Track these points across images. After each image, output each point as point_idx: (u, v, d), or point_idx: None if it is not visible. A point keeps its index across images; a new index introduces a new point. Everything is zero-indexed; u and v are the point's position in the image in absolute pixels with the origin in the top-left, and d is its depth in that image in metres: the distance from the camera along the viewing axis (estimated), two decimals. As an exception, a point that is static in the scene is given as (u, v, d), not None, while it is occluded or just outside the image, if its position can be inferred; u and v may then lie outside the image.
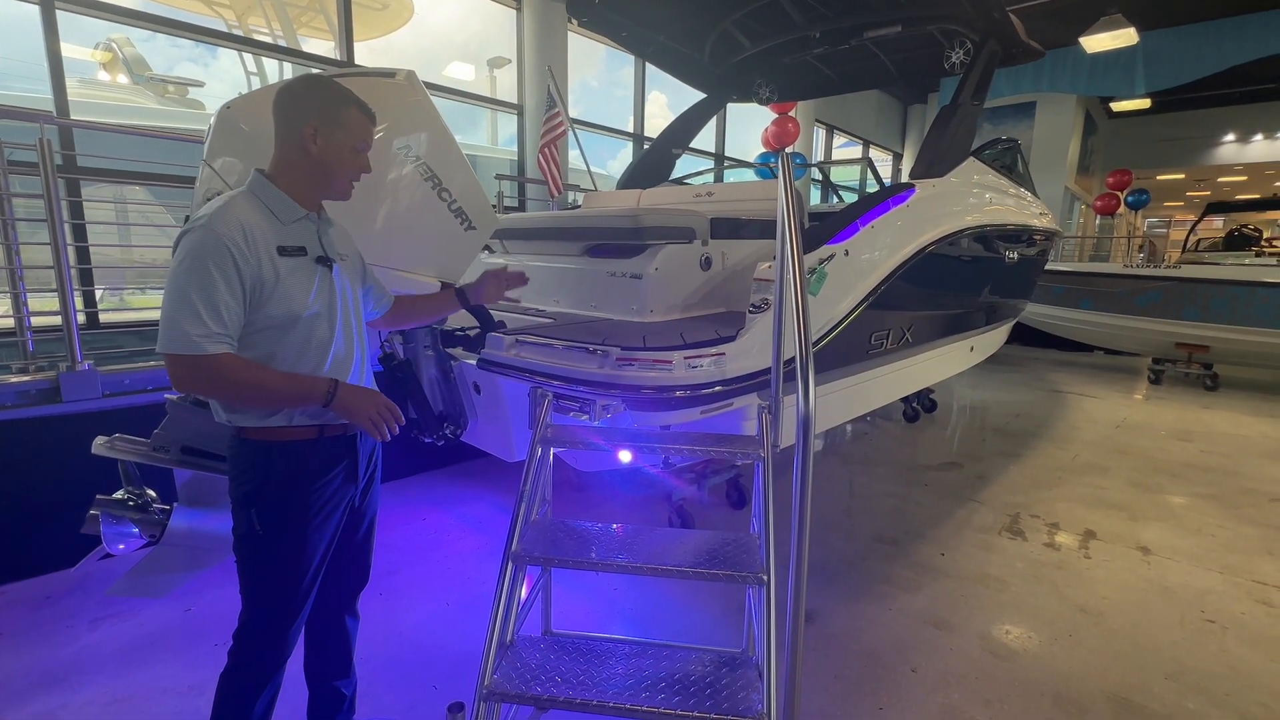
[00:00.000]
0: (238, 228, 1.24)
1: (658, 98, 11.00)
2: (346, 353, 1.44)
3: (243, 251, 1.24)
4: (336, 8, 5.36)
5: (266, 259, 1.28)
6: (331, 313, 1.40)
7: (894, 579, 2.81)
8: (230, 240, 1.22)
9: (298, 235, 1.36)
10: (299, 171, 1.37)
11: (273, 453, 1.37)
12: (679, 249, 2.67)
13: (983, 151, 3.77)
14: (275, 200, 1.35)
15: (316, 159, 1.36)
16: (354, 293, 1.51)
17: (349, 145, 1.38)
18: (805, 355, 1.26)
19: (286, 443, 1.37)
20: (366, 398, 1.36)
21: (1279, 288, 6.19)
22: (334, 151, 1.36)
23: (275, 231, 1.32)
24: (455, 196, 2.20)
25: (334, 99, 1.36)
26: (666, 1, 3.82)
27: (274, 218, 1.33)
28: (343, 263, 1.48)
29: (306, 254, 1.36)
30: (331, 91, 1.37)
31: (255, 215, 1.30)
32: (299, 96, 1.36)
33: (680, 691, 1.45)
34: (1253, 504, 3.75)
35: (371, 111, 1.43)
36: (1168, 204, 22.93)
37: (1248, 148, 14.76)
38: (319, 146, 1.35)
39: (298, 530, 1.40)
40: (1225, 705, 2.05)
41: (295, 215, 1.36)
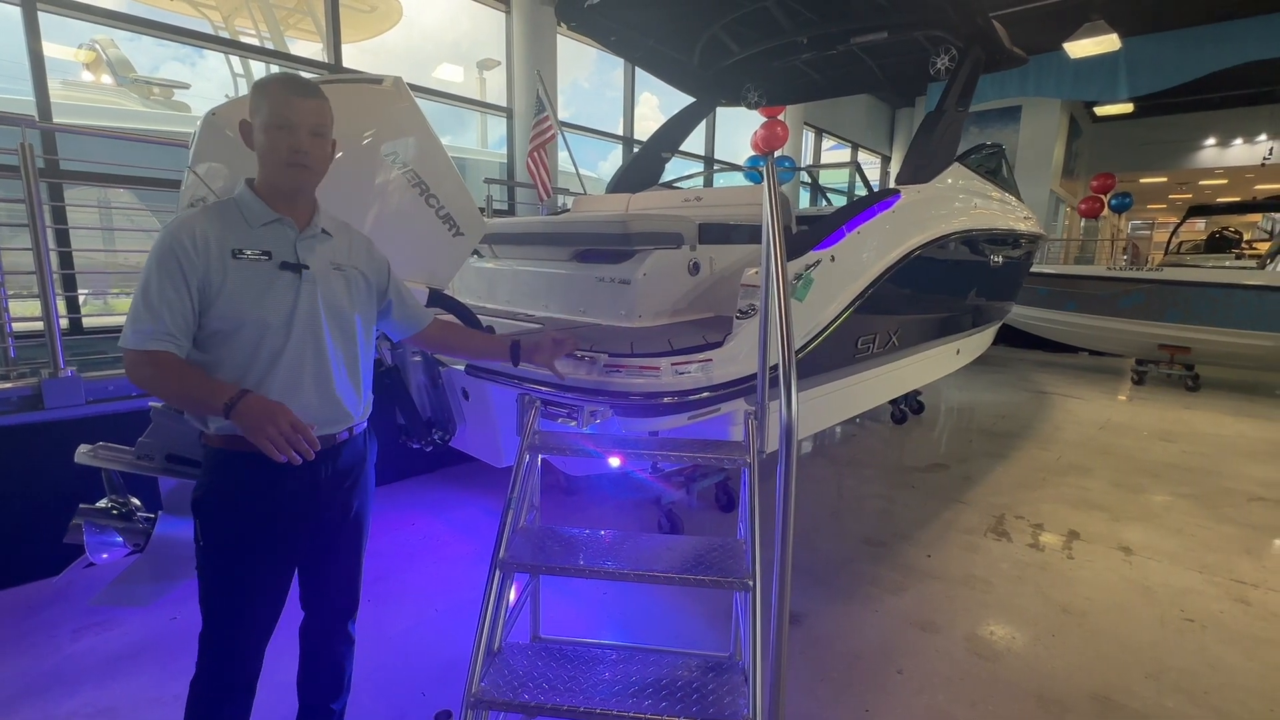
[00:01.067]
0: (188, 232, 1.26)
1: (649, 99, 11.04)
2: (312, 365, 1.36)
3: (188, 253, 1.24)
4: (325, 9, 5.34)
5: (216, 262, 1.27)
6: (293, 321, 1.33)
7: (881, 581, 2.83)
8: (177, 243, 1.24)
9: (265, 239, 1.34)
10: (260, 173, 1.38)
11: (220, 461, 1.34)
12: (667, 254, 2.69)
13: (968, 157, 3.81)
14: (248, 205, 1.35)
15: (259, 154, 1.34)
16: (347, 306, 1.43)
17: (272, 125, 1.31)
18: (789, 363, 1.27)
19: (235, 452, 1.33)
20: (269, 414, 1.21)
21: (1258, 290, 6.30)
22: (262, 139, 1.33)
23: (238, 235, 1.31)
24: (443, 202, 2.20)
25: (258, 90, 1.34)
26: (655, 6, 3.83)
27: (244, 222, 1.33)
28: (338, 273, 1.42)
29: (270, 258, 1.32)
30: (259, 86, 1.35)
31: (220, 220, 1.31)
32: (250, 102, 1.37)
33: (667, 697, 1.46)
34: (1232, 504, 3.81)
35: (299, 86, 1.35)
36: (1150, 206, 23.26)
37: (1227, 151, 15.01)
38: (255, 141, 1.34)
39: (239, 544, 1.35)
40: (1204, 703, 2.08)
41: (264, 218, 1.35)
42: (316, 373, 1.37)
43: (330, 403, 1.40)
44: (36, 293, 2.71)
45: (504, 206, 6.81)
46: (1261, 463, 4.59)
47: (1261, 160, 14.47)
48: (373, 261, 1.55)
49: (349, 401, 1.44)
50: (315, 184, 1.41)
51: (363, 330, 1.49)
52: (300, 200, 1.40)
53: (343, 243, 1.49)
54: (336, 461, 1.45)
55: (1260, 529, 3.46)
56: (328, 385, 1.39)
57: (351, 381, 1.45)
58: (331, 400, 1.40)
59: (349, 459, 1.49)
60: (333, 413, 1.41)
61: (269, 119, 1.30)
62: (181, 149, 2.11)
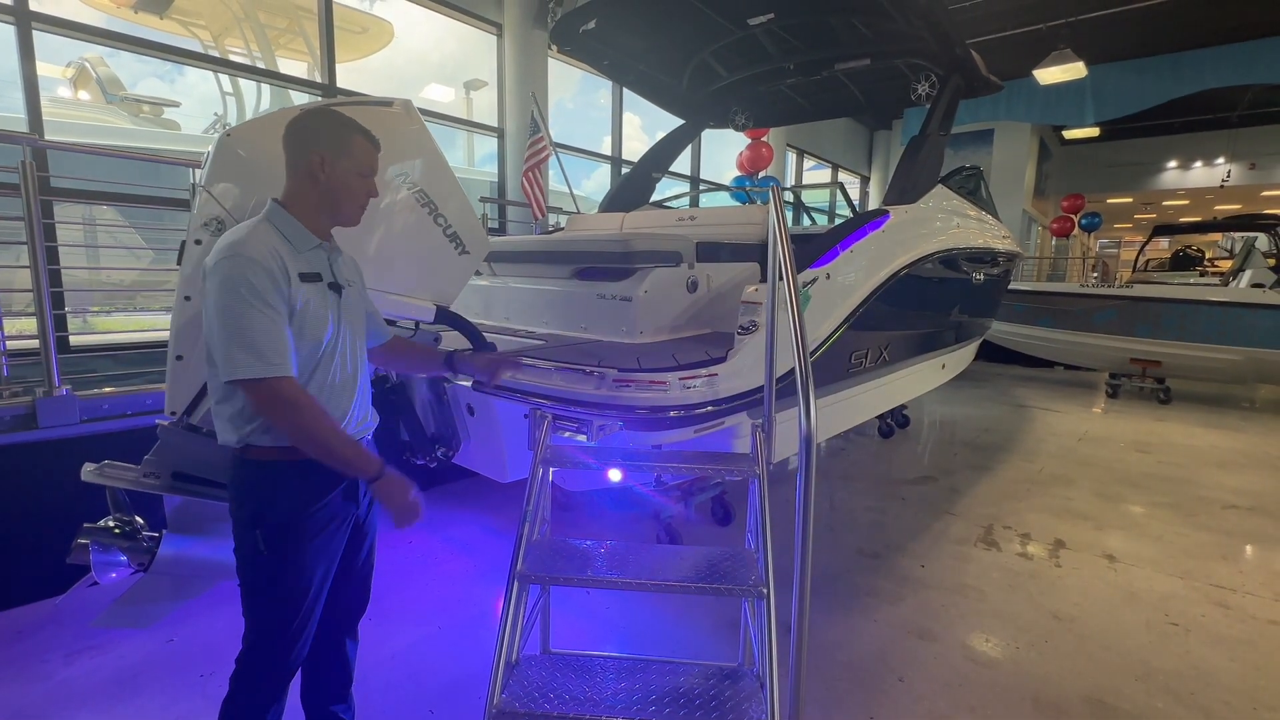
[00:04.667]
0: (270, 252, 1.31)
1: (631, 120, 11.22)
2: (355, 380, 1.49)
3: (275, 276, 1.30)
4: (318, 30, 5.39)
5: (295, 284, 1.34)
6: (342, 338, 1.45)
7: (877, 591, 2.89)
8: (265, 265, 1.28)
9: (313, 262, 1.41)
10: (309, 200, 1.42)
11: (277, 472, 1.39)
12: (667, 272, 2.75)
13: (950, 178, 3.96)
14: (291, 228, 1.40)
15: (325, 187, 1.41)
16: (360, 317, 1.55)
17: (355, 171, 1.43)
18: (805, 373, 1.33)
19: (290, 462, 1.39)
20: (405, 489, 1.40)
21: (1223, 306, 6.58)
22: (340, 179, 1.41)
23: (294, 258, 1.37)
24: (450, 221, 2.25)
25: (339, 128, 1.42)
26: (647, 33, 3.95)
27: (290, 245, 1.38)
28: (352, 289, 1.52)
29: (322, 280, 1.41)
30: (337, 121, 1.43)
31: (279, 243, 1.36)
32: (307, 128, 1.42)
33: (685, 705, 1.49)
34: (1207, 511, 3.95)
35: (376, 139, 1.49)
36: (1118, 226, 24.09)
37: (1188, 174, 15.69)
38: (326, 175, 1.40)
39: (302, 550, 1.41)
40: (1191, 704, 2.16)
41: (310, 243, 1.41)
42: (356, 382, 1.50)
43: (365, 407, 1.54)
44: (28, 310, 2.68)
45: (495, 225, 6.87)
46: (1233, 472, 4.77)
47: (1220, 182, 15.14)
48: (360, 275, 1.65)
49: (369, 407, 1.58)
50: None
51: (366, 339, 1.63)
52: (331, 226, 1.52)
53: (346, 259, 1.58)
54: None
55: (1235, 535, 3.59)
56: (363, 392, 1.53)
57: (368, 391, 1.59)
58: (365, 405, 1.55)
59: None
60: (367, 416, 1.55)
61: (360, 166, 1.43)
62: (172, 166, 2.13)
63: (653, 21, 3.76)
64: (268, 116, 2.15)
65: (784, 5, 3.50)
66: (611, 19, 3.63)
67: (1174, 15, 8.81)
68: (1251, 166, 14.77)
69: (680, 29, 3.85)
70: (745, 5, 3.52)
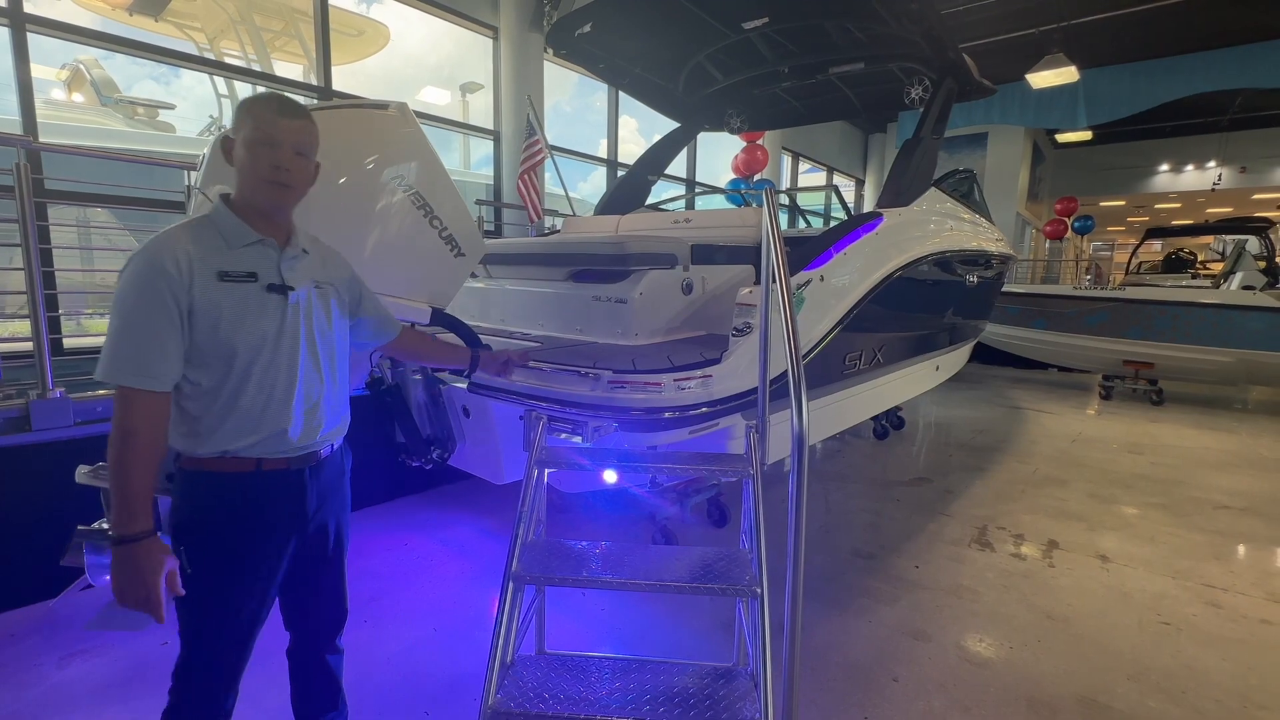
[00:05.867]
0: (170, 253, 1.21)
1: (628, 122, 11.24)
2: (299, 384, 1.36)
3: (173, 277, 1.20)
4: (314, 33, 5.39)
5: (203, 285, 1.22)
6: (280, 342, 1.32)
7: (872, 592, 2.90)
8: (160, 267, 1.19)
9: (248, 260, 1.30)
10: (239, 191, 1.34)
11: (202, 485, 1.29)
12: (662, 274, 2.77)
13: (943, 181, 3.99)
14: (227, 224, 1.31)
15: (237, 169, 1.32)
16: (328, 323, 1.44)
17: (254, 141, 1.28)
18: (798, 373, 1.34)
19: (218, 474, 1.29)
20: (141, 574, 1.18)
21: (1214, 308, 6.63)
22: (242, 153, 1.29)
23: (221, 257, 1.27)
24: (446, 224, 2.25)
25: (243, 108, 1.31)
26: (643, 37, 3.97)
27: (223, 242, 1.29)
28: (319, 291, 1.42)
29: (256, 280, 1.29)
30: (245, 103, 1.33)
31: (201, 241, 1.26)
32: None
33: (680, 705, 1.50)
34: (1199, 512, 3.98)
35: (290, 107, 1.33)
36: (1110, 228, 24.25)
37: (1180, 177, 15.82)
38: (236, 156, 1.31)
39: (227, 572, 1.32)
40: (1183, 702, 2.18)
41: (246, 239, 1.31)
42: (303, 391, 1.36)
43: (315, 420, 1.40)
44: (22, 312, 2.67)
45: (490, 228, 6.87)
46: (1225, 473, 4.80)
47: (1212, 185, 15.26)
48: (347, 275, 1.55)
49: (332, 418, 1.45)
50: (294, 203, 1.38)
51: (342, 345, 1.50)
52: (280, 219, 1.37)
53: (318, 259, 1.47)
54: (320, 477, 1.45)
55: (1227, 536, 3.62)
56: (313, 403, 1.39)
57: (335, 397, 1.46)
58: (317, 417, 1.40)
59: (331, 474, 1.49)
60: (317, 429, 1.41)
61: (252, 135, 1.28)
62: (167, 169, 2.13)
63: (648, 25, 3.78)
64: (263, 119, 2.16)
65: (778, 9, 3.53)
66: (607, 23, 3.65)
67: (1165, 20, 8.90)
68: (1242, 170, 14.90)
69: (675, 33, 3.87)
70: (740, 9, 3.55)
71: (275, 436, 1.33)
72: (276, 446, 1.34)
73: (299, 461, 1.39)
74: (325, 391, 1.42)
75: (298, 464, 1.39)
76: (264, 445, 1.32)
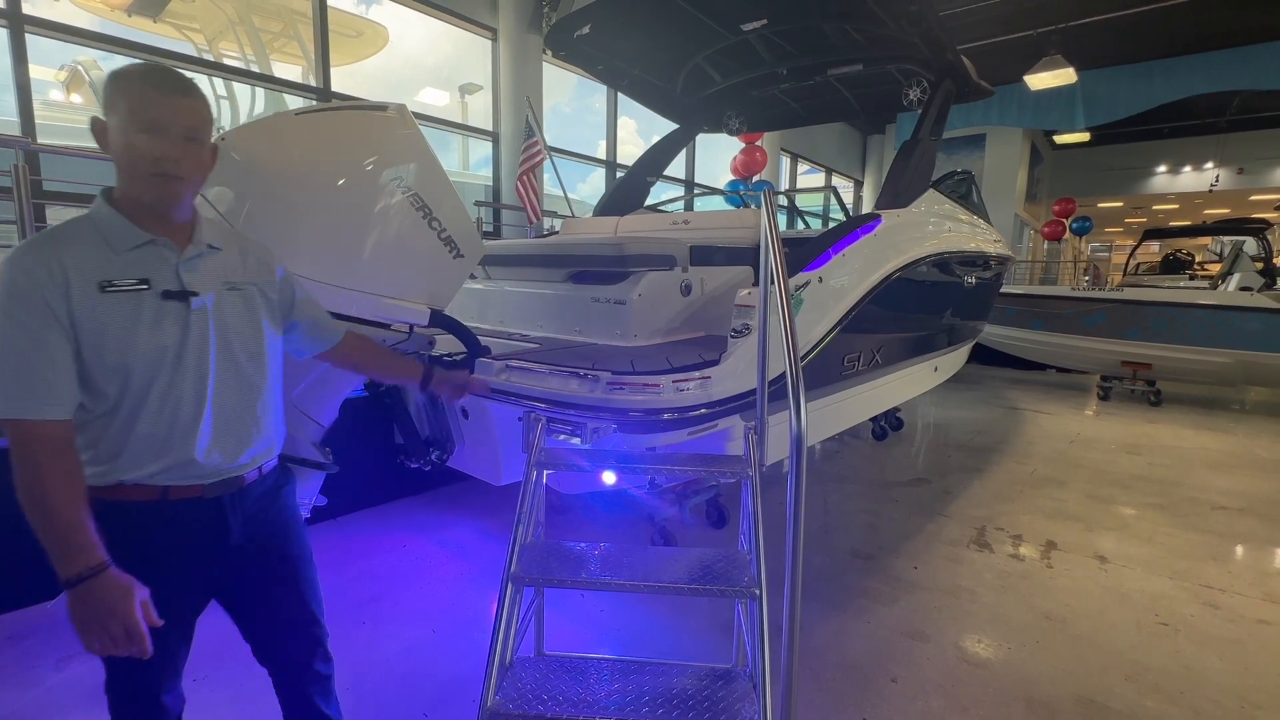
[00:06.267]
0: (43, 264, 1.04)
1: (627, 124, 11.26)
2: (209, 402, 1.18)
3: (44, 293, 1.03)
4: (313, 34, 5.40)
5: (82, 298, 1.05)
6: (183, 356, 1.14)
7: (871, 592, 2.90)
8: (33, 277, 1.03)
9: (138, 265, 1.11)
10: (121, 186, 1.13)
11: (103, 513, 1.10)
12: (661, 275, 2.77)
13: (942, 183, 4.00)
14: (111, 225, 1.11)
15: (115, 161, 1.10)
16: (251, 329, 1.25)
17: (132, 128, 1.07)
18: (796, 374, 1.35)
19: (118, 503, 1.13)
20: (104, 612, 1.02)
21: (1212, 309, 6.64)
22: (118, 142, 1.08)
23: (103, 263, 1.08)
24: (445, 225, 2.25)
25: (114, 85, 1.10)
26: (642, 38, 3.98)
27: (107, 246, 1.10)
28: (236, 293, 1.23)
29: (149, 287, 1.11)
30: (116, 79, 1.10)
31: (77, 248, 1.08)
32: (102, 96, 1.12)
33: (679, 706, 1.50)
34: (1197, 513, 3.99)
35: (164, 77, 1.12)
36: (1108, 230, 24.31)
37: (1178, 178, 15.87)
38: (110, 144, 1.10)
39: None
40: (1181, 703, 2.18)
41: (131, 241, 1.11)
42: (217, 411, 1.19)
43: (233, 441, 1.22)
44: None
45: (489, 229, 6.88)
46: (1222, 473, 4.81)
47: (1209, 187, 15.31)
48: (274, 273, 1.35)
49: (255, 437, 1.26)
50: (188, 195, 1.18)
51: (272, 354, 1.31)
52: (175, 215, 1.16)
53: (235, 256, 1.27)
54: (245, 505, 1.27)
55: (1224, 536, 3.63)
56: (229, 422, 1.21)
57: (258, 414, 1.27)
58: (234, 438, 1.22)
59: (261, 500, 1.32)
60: (239, 451, 1.24)
61: (129, 120, 1.07)
62: None
63: (647, 27, 3.79)
64: (261, 120, 2.17)
65: (777, 11, 3.54)
66: (606, 24, 3.65)
67: (1162, 22, 8.93)
68: (1239, 171, 14.95)
69: (674, 34, 3.88)
70: (739, 11, 3.55)
71: (183, 464, 1.16)
72: (186, 473, 1.18)
73: (216, 489, 1.22)
74: (249, 408, 1.24)
75: (214, 491, 1.22)
76: (170, 473, 1.16)
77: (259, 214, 1.86)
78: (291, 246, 1.87)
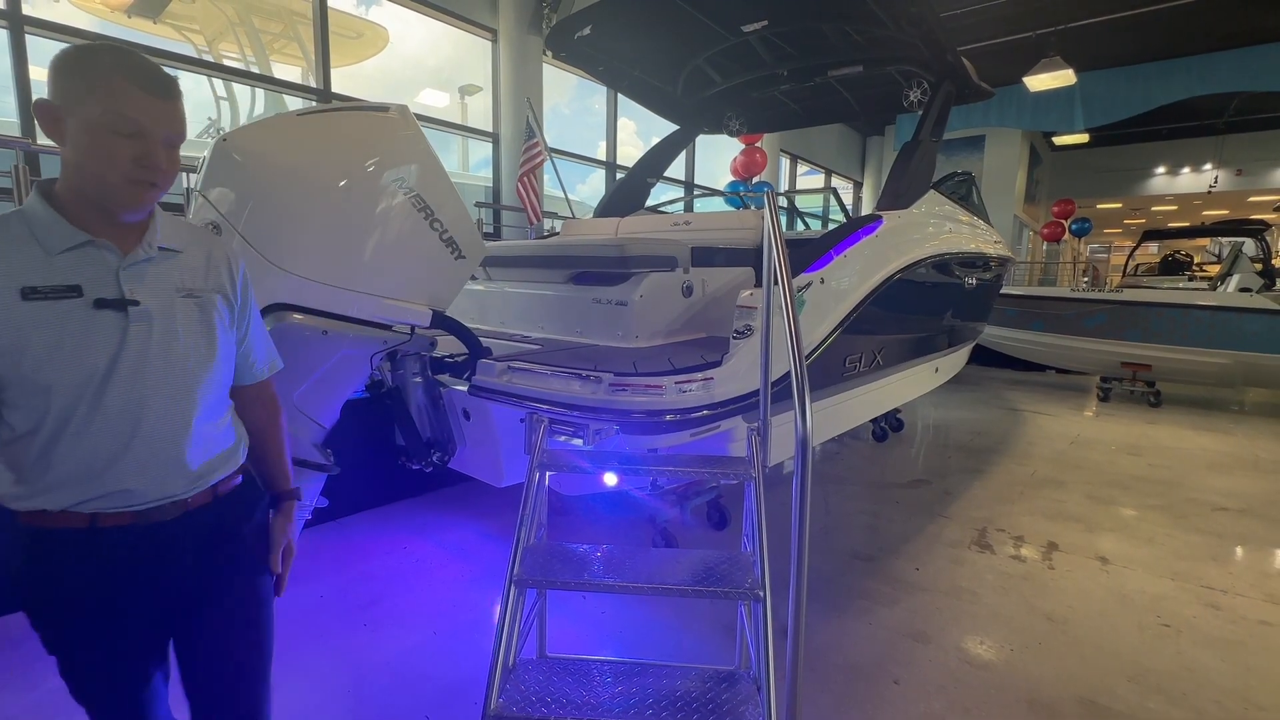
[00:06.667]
0: None
1: (626, 125, 11.27)
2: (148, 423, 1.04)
3: None
4: (313, 35, 5.39)
5: (2, 306, 0.94)
6: (115, 375, 1.01)
7: (872, 594, 2.90)
8: None
9: (71, 270, 0.99)
10: (72, 181, 1.00)
11: (26, 540, 1.03)
12: (662, 276, 2.77)
13: (942, 184, 4.00)
14: (43, 222, 0.99)
15: (72, 156, 0.99)
16: (206, 343, 1.11)
17: (107, 127, 0.96)
18: (801, 375, 1.34)
19: (44, 531, 1.03)
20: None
21: (1211, 310, 6.65)
22: (84, 139, 0.96)
23: (29, 267, 0.97)
24: (446, 226, 2.25)
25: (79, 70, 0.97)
26: (642, 39, 3.98)
27: (37, 247, 0.98)
28: (191, 301, 1.09)
29: (81, 295, 0.98)
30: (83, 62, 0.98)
31: (7, 246, 0.97)
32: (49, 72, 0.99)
33: (683, 708, 1.49)
34: (1197, 514, 3.99)
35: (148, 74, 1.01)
36: (1107, 231, 24.35)
37: (1177, 179, 15.91)
38: (70, 135, 0.97)
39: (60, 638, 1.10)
40: (1183, 704, 2.18)
41: (66, 242, 0.99)
42: (154, 430, 1.05)
43: (174, 462, 1.08)
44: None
45: (490, 230, 6.88)
46: (1222, 474, 4.81)
47: (1208, 188, 15.34)
48: (236, 275, 1.21)
49: (203, 460, 1.13)
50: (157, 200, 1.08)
51: (225, 367, 1.17)
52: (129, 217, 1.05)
53: (199, 259, 1.14)
54: (194, 531, 1.13)
55: (1225, 537, 3.63)
56: (171, 442, 1.07)
57: (209, 434, 1.13)
58: (176, 459, 1.08)
59: (216, 525, 1.17)
60: (180, 477, 1.09)
61: (107, 118, 0.96)
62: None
63: (647, 28, 3.79)
64: (263, 121, 2.16)
65: (777, 12, 3.54)
66: (606, 25, 3.65)
67: (1161, 23, 8.94)
68: (1238, 172, 14.98)
69: (675, 35, 3.89)
70: (739, 12, 3.56)
71: (113, 489, 1.04)
72: (117, 499, 1.05)
73: (153, 514, 1.08)
74: (194, 429, 1.10)
75: (151, 517, 1.08)
76: (100, 499, 1.03)
77: (260, 215, 1.85)
78: (293, 247, 1.87)
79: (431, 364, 2.49)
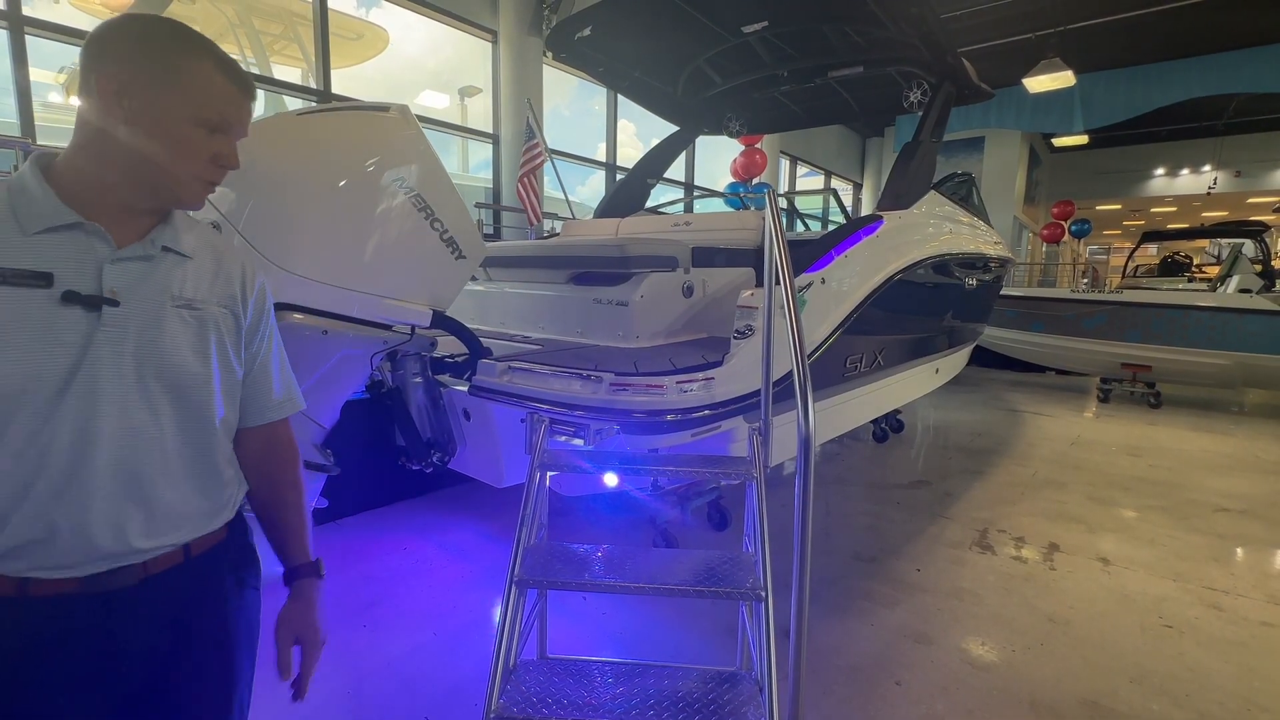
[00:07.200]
0: None
1: (626, 126, 11.28)
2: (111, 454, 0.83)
3: None
4: (313, 36, 5.40)
5: None
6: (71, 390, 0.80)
7: (873, 595, 2.89)
8: None
9: (45, 253, 0.81)
10: (98, 149, 0.85)
11: None
12: (663, 277, 2.77)
13: (942, 185, 4.00)
14: (26, 197, 0.82)
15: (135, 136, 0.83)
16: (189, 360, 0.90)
17: (198, 119, 0.86)
18: (803, 375, 1.34)
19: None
20: None
21: (1211, 311, 6.65)
22: (160, 125, 0.84)
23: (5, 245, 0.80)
24: (447, 226, 2.25)
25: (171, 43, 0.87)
26: (642, 40, 3.99)
27: (13, 221, 0.81)
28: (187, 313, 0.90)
29: (48, 285, 0.80)
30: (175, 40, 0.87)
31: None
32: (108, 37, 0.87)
33: (684, 709, 1.49)
34: (1198, 514, 3.98)
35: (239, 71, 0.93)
36: (1107, 232, 24.38)
37: (1176, 181, 15.93)
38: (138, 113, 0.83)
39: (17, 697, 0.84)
40: (1186, 705, 2.17)
41: (50, 221, 0.82)
42: (111, 467, 0.84)
43: (136, 512, 0.86)
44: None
45: (490, 230, 6.88)
46: (1223, 475, 4.81)
47: (1207, 189, 15.36)
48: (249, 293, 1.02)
49: (185, 505, 0.92)
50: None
51: (224, 398, 0.96)
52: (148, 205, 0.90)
53: (207, 268, 0.96)
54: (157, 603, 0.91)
55: (1226, 538, 3.62)
56: (134, 485, 0.86)
57: (196, 474, 0.93)
58: (139, 508, 0.87)
59: (187, 594, 0.94)
60: (142, 527, 0.87)
61: (192, 108, 0.86)
62: None
63: (648, 29, 3.79)
64: (264, 121, 2.16)
65: (777, 13, 3.54)
66: (607, 26, 3.65)
67: (1160, 25, 8.96)
68: (1237, 174, 15.00)
69: (675, 36, 3.89)
70: (739, 13, 3.56)
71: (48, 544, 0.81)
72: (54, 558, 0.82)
73: (103, 581, 0.85)
74: (177, 467, 0.90)
75: (100, 585, 0.85)
76: (32, 556, 0.81)
77: (260, 214, 1.85)
78: (293, 247, 1.86)
79: (432, 364, 2.48)
